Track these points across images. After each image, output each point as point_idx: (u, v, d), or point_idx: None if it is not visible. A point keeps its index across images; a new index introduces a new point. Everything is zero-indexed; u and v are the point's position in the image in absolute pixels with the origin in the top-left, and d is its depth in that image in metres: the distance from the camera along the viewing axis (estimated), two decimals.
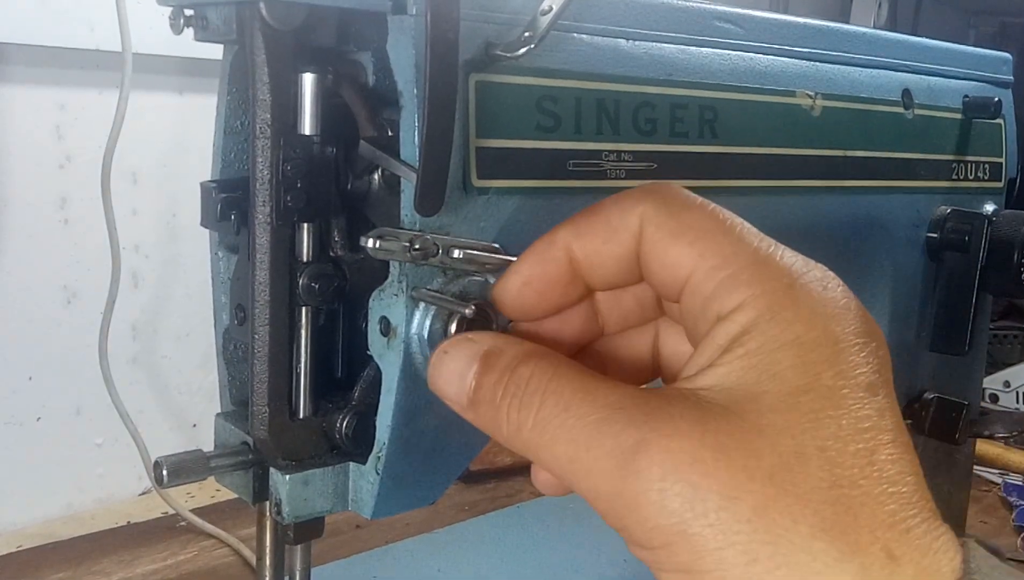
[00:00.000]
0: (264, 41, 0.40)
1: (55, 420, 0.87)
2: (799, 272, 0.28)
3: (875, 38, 0.65)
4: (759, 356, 0.27)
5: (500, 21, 0.43)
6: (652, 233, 0.30)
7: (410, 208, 0.40)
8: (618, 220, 0.31)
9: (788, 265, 0.28)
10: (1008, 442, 1.05)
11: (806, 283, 0.28)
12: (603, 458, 0.26)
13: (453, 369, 0.31)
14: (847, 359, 0.27)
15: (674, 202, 0.30)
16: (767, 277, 0.28)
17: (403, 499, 0.45)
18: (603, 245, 0.31)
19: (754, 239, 0.29)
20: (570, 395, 0.28)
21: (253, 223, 0.41)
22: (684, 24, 0.51)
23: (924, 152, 0.67)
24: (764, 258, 0.28)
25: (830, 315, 0.27)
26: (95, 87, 0.85)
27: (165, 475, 0.42)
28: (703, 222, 0.29)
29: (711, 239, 0.29)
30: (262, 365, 0.42)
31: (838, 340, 0.27)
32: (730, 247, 0.28)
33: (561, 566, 0.76)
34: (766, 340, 0.27)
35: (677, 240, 0.29)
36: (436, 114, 0.37)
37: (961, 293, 0.70)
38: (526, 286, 0.33)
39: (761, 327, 0.27)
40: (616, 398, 0.27)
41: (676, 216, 0.30)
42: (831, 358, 0.27)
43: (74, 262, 0.86)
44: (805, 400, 0.26)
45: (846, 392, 0.26)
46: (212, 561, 0.78)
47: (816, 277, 0.28)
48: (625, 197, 0.31)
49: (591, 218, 0.32)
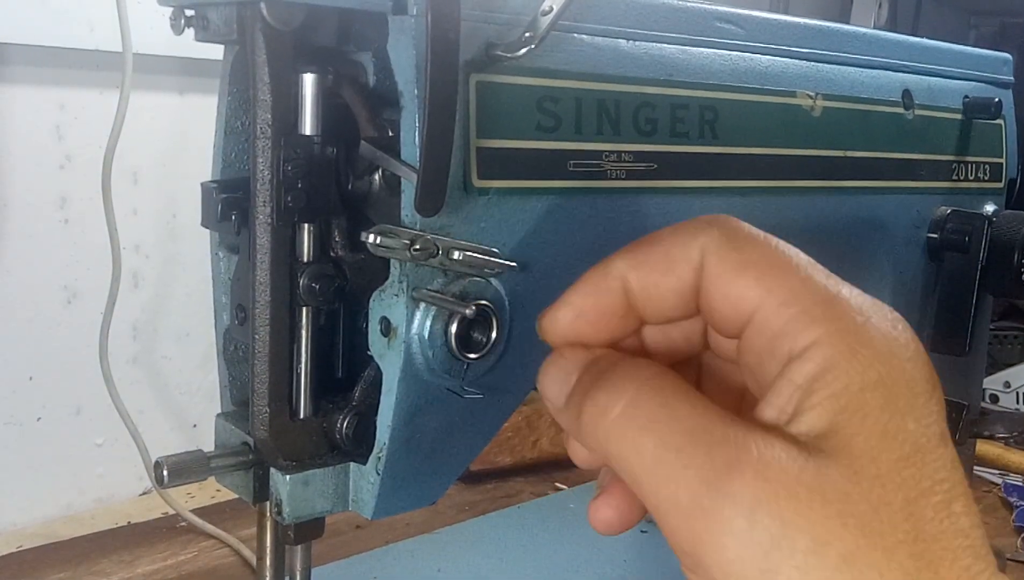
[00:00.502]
0: (265, 41, 0.40)
1: (55, 420, 0.87)
2: (869, 310, 0.27)
3: (875, 38, 0.65)
4: (846, 397, 0.26)
5: (501, 21, 0.43)
6: (715, 266, 0.29)
7: (410, 208, 0.40)
8: (678, 252, 0.30)
9: (858, 303, 0.27)
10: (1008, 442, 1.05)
11: (878, 322, 0.27)
12: (692, 469, 0.25)
13: (561, 368, 0.31)
14: (923, 405, 0.26)
15: (736, 235, 0.29)
16: (839, 314, 0.27)
17: (403, 499, 0.45)
18: (662, 277, 0.30)
19: (821, 276, 0.28)
20: (670, 394, 0.27)
21: (253, 223, 0.41)
22: (684, 24, 0.51)
23: (924, 152, 0.67)
24: (833, 295, 0.27)
25: (905, 357, 0.27)
26: (95, 87, 0.85)
27: (165, 475, 0.42)
28: (769, 257, 0.28)
29: (778, 274, 0.28)
30: (262, 365, 0.42)
31: (914, 384, 0.26)
32: (799, 283, 0.28)
33: (561, 566, 0.76)
34: (850, 381, 0.26)
35: (742, 274, 0.28)
36: (436, 114, 0.37)
37: (961, 293, 0.70)
38: (579, 318, 0.31)
39: (842, 366, 0.26)
40: (716, 412, 0.27)
41: (740, 249, 0.29)
42: (911, 403, 0.26)
43: (74, 262, 0.86)
44: (894, 446, 0.25)
45: (924, 441, 0.26)
46: (212, 561, 0.78)
47: (886, 316, 0.28)
48: (684, 228, 0.30)
49: (649, 249, 0.30)
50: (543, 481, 0.96)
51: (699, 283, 0.29)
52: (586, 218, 0.47)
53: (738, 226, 0.30)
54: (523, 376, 0.46)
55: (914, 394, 0.26)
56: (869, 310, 0.27)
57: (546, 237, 0.45)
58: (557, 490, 0.94)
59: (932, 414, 0.26)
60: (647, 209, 0.49)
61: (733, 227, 0.30)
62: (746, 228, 0.30)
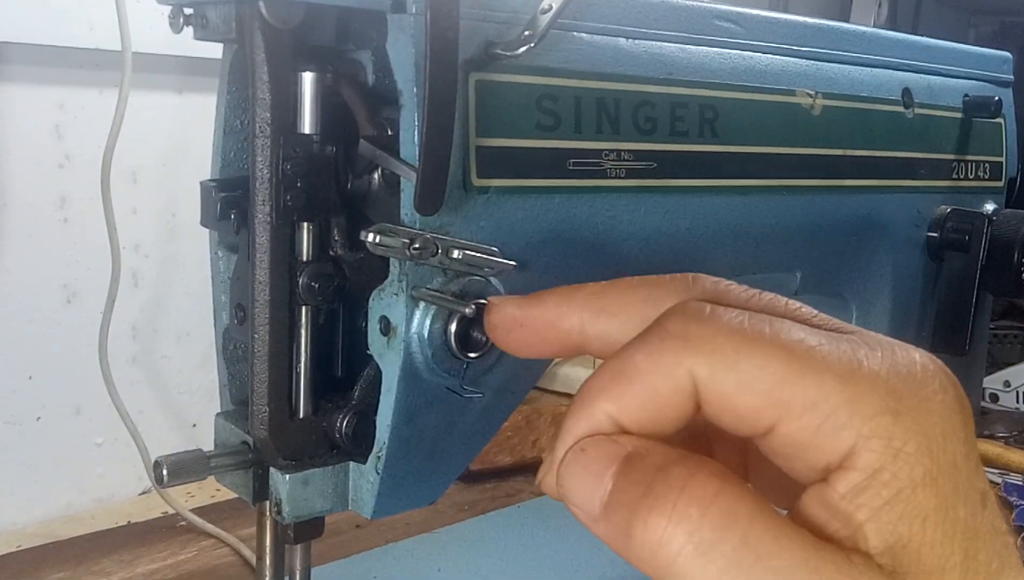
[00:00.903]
0: (264, 40, 0.40)
1: (55, 420, 0.87)
2: (896, 388, 0.25)
3: (875, 37, 0.65)
4: (901, 504, 0.24)
5: (500, 20, 0.43)
6: (713, 392, 0.26)
7: (410, 207, 0.40)
8: (666, 386, 0.26)
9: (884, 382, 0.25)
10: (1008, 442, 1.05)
11: (910, 404, 0.25)
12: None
13: (588, 468, 0.26)
14: (967, 480, 0.25)
15: (725, 350, 0.25)
16: (869, 413, 0.24)
17: (403, 499, 0.45)
18: (658, 414, 0.26)
19: (832, 360, 0.25)
20: (748, 524, 0.23)
21: (253, 222, 0.41)
22: (684, 23, 0.51)
23: (924, 151, 0.67)
24: (854, 385, 0.25)
25: (943, 434, 0.25)
26: (95, 86, 0.85)
27: (165, 475, 0.42)
28: (771, 364, 0.25)
29: (788, 385, 0.25)
30: (262, 365, 0.42)
31: (955, 461, 0.25)
32: (814, 388, 0.24)
33: (561, 566, 0.76)
34: (901, 485, 0.24)
35: (748, 395, 0.25)
36: (436, 113, 0.37)
37: (961, 293, 0.70)
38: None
39: (888, 470, 0.24)
40: (802, 547, 0.23)
41: (735, 367, 0.25)
42: (957, 486, 0.25)
43: (74, 262, 0.86)
44: (957, 548, 0.24)
45: (974, 521, 0.25)
46: (212, 561, 0.78)
47: (912, 385, 0.25)
48: (659, 354, 0.26)
49: (629, 387, 0.27)
50: None
51: (698, 399, 0.26)
52: (585, 217, 0.46)
53: (717, 331, 0.26)
54: (523, 376, 0.46)
55: (958, 472, 0.25)
56: (895, 388, 0.25)
57: (546, 236, 0.45)
58: None
59: (972, 480, 0.25)
60: (647, 208, 0.49)
61: (712, 336, 0.26)
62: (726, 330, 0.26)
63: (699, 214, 0.51)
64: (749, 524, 0.23)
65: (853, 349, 0.25)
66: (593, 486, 0.26)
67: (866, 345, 0.26)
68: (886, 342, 0.26)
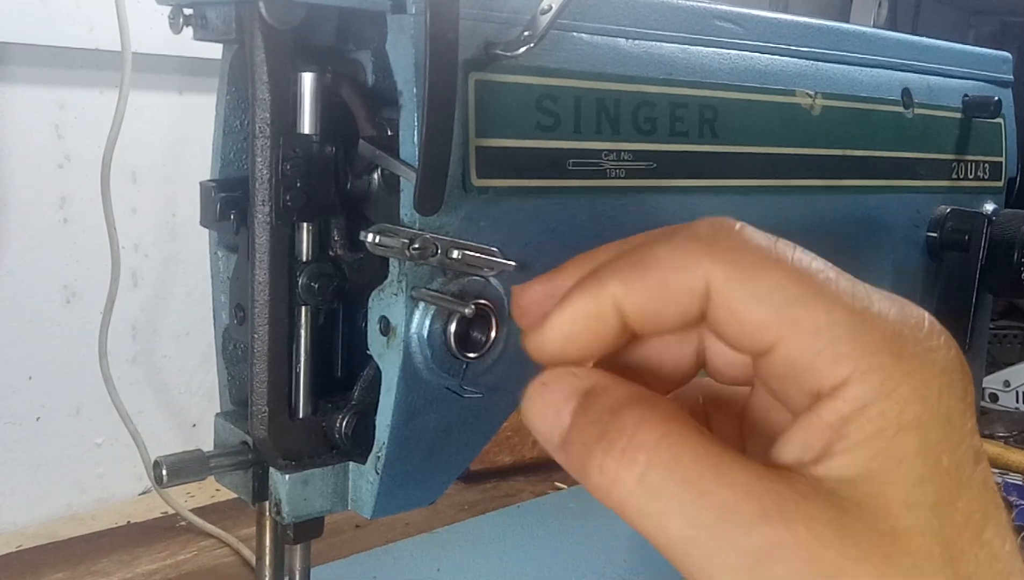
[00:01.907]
0: (263, 40, 0.40)
1: (55, 420, 0.87)
2: (903, 336, 0.25)
3: (875, 37, 0.65)
4: (881, 442, 0.24)
5: (500, 20, 0.43)
6: (725, 297, 0.26)
7: (410, 207, 0.40)
8: (679, 281, 0.27)
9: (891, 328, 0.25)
10: (1008, 441, 1.05)
11: (914, 350, 0.25)
12: (729, 551, 0.24)
13: (549, 401, 0.28)
14: (959, 433, 0.25)
15: (746, 259, 0.26)
16: (872, 348, 0.25)
17: (403, 499, 0.45)
18: (662, 306, 0.27)
19: (847, 295, 0.26)
20: (689, 463, 0.25)
21: (252, 222, 0.41)
22: (684, 23, 0.51)
23: (924, 151, 0.67)
24: (862, 322, 0.25)
25: (942, 385, 0.25)
26: (95, 87, 0.85)
27: (165, 475, 0.42)
28: (786, 283, 0.26)
29: (800, 304, 0.25)
30: (262, 365, 0.42)
31: (951, 414, 0.25)
32: (823, 313, 0.25)
33: (561, 566, 0.76)
34: (886, 423, 0.24)
35: (758, 306, 0.26)
36: (435, 113, 0.37)
37: (961, 293, 0.70)
38: (570, 342, 0.29)
39: (877, 407, 0.24)
40: (743, 479, 0.24)
41: (752, 278, 0.26)
42: (947, 437, 0.25)
43: (74, 261, 0.86)
44: (930, 491, 0.24)
45: (959, 474, 0.25)
46: (212, 561, 0.78)
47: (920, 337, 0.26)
48: (682, 248, 0.27)
49: (644, 274, 0.27)
50: (543, 480, 0.96)
51: (705, 307, 0.27)
52: (585, 217, 0.46)
53: (744, 244, 0.27)
54: (523, 375, 0.46)
55: (950, 425, 0.25)
56: (902, 333, 0.25)
57: (545, 236, 0.45)
58: (557, 489, 0.94)
59: (966, 437, 0.25)
60: (647, 208, 0.49)
61: (739, 247, 0.27)
62: (753, 245, 0.27)
63: (699, 214, 0.51)
64: (691, 463, 0.25)
65: (868, 293, 0.26)
66: (553, 420, 0.28)
67: (881, 294, 0.27)
68: (898, 298, 0.27)
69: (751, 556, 0.24)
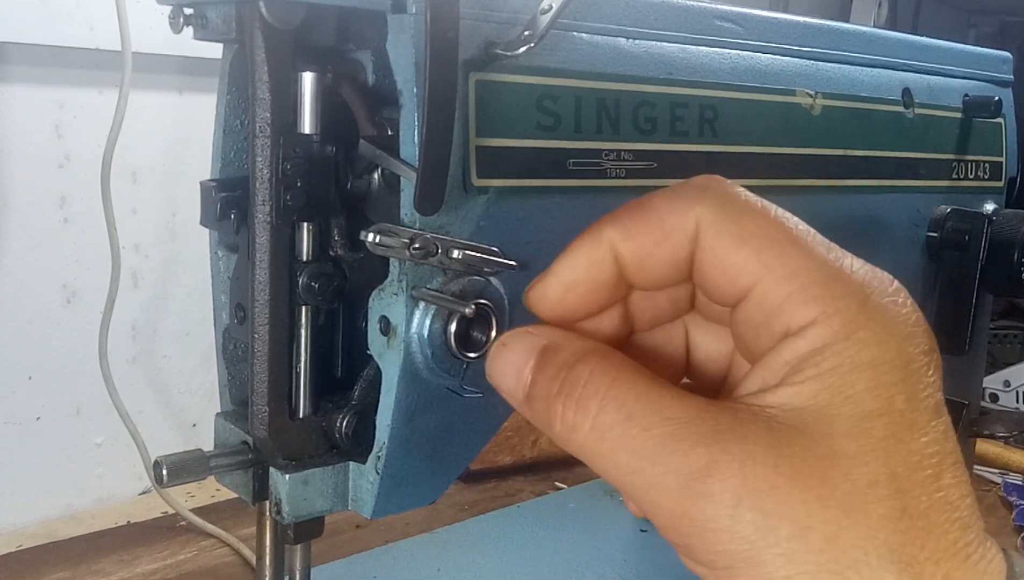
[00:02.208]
0: (264, 40, 0.40)
1: (55, 420, 0.87)
2: (871, 287, 0.27)
3: (875, 37, 0.65)
4: (833, 377, 0.26)
5: (500, 20, 0.43)
6: (711, 238, 0.28)
7: (410, 207, 0.40)
8: (672, 222, 0.29)
9: (860, 279, 0.27)
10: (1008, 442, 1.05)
11: (879, 300, 0.27)
12: (669, 475, 0.26)
13: (511, 361, 0.30)
14: (918, 381, 0.26)
15: (734, 204, 0.28)
16: (840, 293, 0.26)
17: (403, 499, 0.45)
18: (655, 247, 0.29)
19: (822, 249, 0.28)
20: (633, 402, 0.27)
21: (253, 222, 0.41)
22: (684, 23, 0.51)
23: (924, 151, 0.67)
24: (835, 271, 0.27)
25: (903, 335, 0.26)
26: (95, 86, 0.85)
27: (165, 475, 0.42)
28: (768, 229, 0.28)
29: (778, 248, 0.27)
30: (262, 364, 0.42)
31: (910, 361, 0.26)
32: (799, 258, 0.27)
33: (561, 566, 0.76)
34: (841, 361, 0.26)
35: (740, 247, 0.27)
36: (436, 113, 0.37)
37: (961, 293, 0.70)
38: (569, 291, 0.30)
39: (836, 347, 0.26)
40: (682, 410, 0.26)
41: (738, 221, 0.28)
42: (904, 380, 0.26)
43: (74, 261, 0.86)
44: (878, 425, 0.25)
45: (915, 416, 0.26)
46: (212, 561, 0.78)
47: (887, 291, 0.27)
48: (678, 195, 0.29)
49: (641, 217, 0.29)
50: (543, 480, 0.96)
51: (694, 252, 0.29)
52: (586, 217, 0.46)
53: (735, 193, 0.29)
54: None
55: (909, 372, 0.26)
56: (870, 285, 0.27)
57: (545, 236, 0.45)
58: (557, 489, 0.94)
59: (927, 387, 0.27)
60: None
61: (730, 195, 0.29)
62: (743, 195, 0.29)
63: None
64: (635, 402, 0.27)
65: (843, 252, 0.28)
66: (515, 379, 0.30)
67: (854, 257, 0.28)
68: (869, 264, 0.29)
69: (688, 476, 0.25)
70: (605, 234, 0.30)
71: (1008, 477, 1.02)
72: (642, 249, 0.29)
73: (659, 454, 0.26)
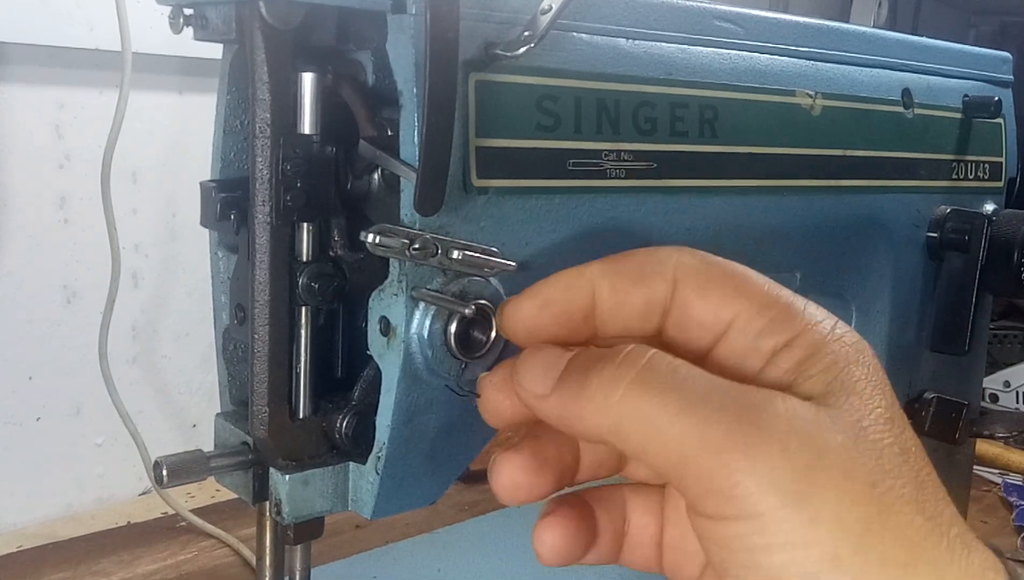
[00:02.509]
0: (264, 40, 0.40)
1: (55, 420, 0.87)
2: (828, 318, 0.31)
3: (875, 37, 0.65)
4: (836, 370, 0.29)
5: (500, 20, 0.43)
6: (693, 279, 0.31)
7: (410, 208, 0.40)
8: (653, 265, 0.32)
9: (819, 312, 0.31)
10: (1008, 442, 1.05)
11: (836, 322, 0.31)
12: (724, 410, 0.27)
13: (544, 359, 0.31)
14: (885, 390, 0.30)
15: (708, 258, 0.32)
16: (810, 318, 0.30)
17: (403, 499, 0.45)
18: (634, 286, 0.32)
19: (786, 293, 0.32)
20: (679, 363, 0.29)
21: (253, 223, 0.41)
22: (684, 23, 0.51)
23: (924, 152, 0.67)
24: (801, 306, 0.31)
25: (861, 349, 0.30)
26: (95, 86, 0.85)
27: (165, 475, 0.42)
28: (740, 273, 0.32)
29: (753, 286, 0.31)
30: (262, 365, 0.42)
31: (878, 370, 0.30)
32: (770, 296, 0.31)
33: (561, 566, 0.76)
34: (837, 358, 0.29)
35: (720, 285, 0.31)
36: (436, 114, 0.37)
37: (961, 293, 0.70)
38: (544, 309, 0.33)
39: (829, 347, 0.29)
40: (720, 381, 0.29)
41: (713, 265, 0.32)
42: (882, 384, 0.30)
43: (74, 262, 0.86)
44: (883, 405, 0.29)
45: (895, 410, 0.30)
46: (212, 561, 0.78)
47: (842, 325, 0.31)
48: (658, 248, 0.33)
49: (623, 260, 0.33)
50: None
51: (669, 297, 0.31)
52: (585, 217, 0.46)
53: (706, 253, 0.32)
54: None
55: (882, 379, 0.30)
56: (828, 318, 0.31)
57: (545, 236, 0.45)
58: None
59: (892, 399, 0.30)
60: (647, 208, 0.49)
61: (703, 253, 0.32)
62: (713, 256, 0.32)
63: (699, 214, 0.51)
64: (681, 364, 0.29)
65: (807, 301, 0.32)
66: (545, 371, 0.31)
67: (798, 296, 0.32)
68: None
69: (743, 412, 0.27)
70: (589, 268, 0.33)
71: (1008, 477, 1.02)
72: (622, 285, 0.32)
73: (713, 395, 0.28)
